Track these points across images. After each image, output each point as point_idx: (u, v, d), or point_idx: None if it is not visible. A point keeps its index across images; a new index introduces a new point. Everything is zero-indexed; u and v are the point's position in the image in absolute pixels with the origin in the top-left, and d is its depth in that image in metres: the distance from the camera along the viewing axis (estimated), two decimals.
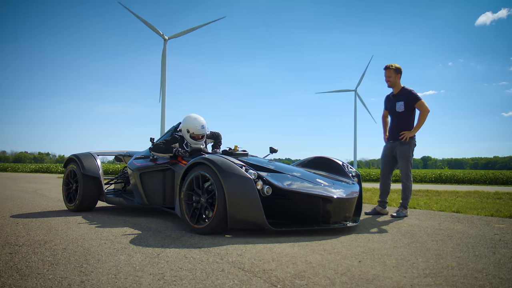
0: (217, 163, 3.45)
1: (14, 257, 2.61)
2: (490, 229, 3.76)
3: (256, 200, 3.28)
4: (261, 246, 2.98)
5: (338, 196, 3.60)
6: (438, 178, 17.22)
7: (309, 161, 4.75)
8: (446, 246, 3.02)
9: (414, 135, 4.73)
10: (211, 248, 2.89)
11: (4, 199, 6.50)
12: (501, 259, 2.61)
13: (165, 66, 26.64)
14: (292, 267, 2.38)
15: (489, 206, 5.67)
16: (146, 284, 2.07)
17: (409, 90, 4.75)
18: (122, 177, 5.50)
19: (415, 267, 2.39)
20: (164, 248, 2.91)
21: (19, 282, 2.10)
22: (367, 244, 3.10)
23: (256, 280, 2.14)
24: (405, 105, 4.71)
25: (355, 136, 42.14)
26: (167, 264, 2.45)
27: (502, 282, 2.11)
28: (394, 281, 2.11)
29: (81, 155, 5.20)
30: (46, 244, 3.02)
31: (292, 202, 3.57)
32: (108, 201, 5.08)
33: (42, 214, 4.79)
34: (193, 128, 4.51)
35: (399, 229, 3.78)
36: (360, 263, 2.50)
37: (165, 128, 25.66)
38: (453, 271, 2.31)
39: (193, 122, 4.53)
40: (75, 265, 2.42)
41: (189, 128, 4.52)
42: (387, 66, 4.85)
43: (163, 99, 26.65)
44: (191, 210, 3.61)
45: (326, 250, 2.85)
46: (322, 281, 2.12)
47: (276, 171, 3.85)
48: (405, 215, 4.65)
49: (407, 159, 4.69)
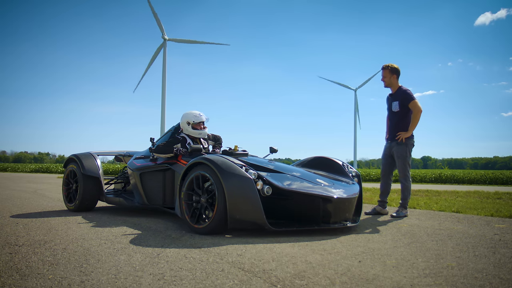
0: (217, 163, 3.45)
1: (14, 257, 2.61)
2: (490, 229, 3.76)
3: (256, 200, 3.28)
4: (261, 246, 2.98)
5: (338, 196, 3.60)
6: (438, 178, 17.22)
7: (309, 161, 4.75)
8: (446, 246, 3.02)
9: (412, 135, 4.74)
10: (211, 248, 2.89)
11: (4, 199, 6.50)
12: (501, 259, 2.61)
13: (165, 66, 26.65)
14: (292, 267, 2.38)
15: (489, 206, 5.67)
16: (146, 284, 2.07)
17: (404, 90, 4.76)
18: (122, 177, 5.50)
19: (415, 267, 2.39)
20: (164, 248, 2.91)
21: (19, 282, 2.10)
22: (367, 244, 3.10)
23: (256, 280, 2.14)
24: (400, 105, 4.72)
25: (355, 136, 42.14)
26: (167, 264, 2.45)
27: (502, 282, 2.11)
28: (394, 281, 2.11)
29: (81, 155, 5.21)
30: (46, 244, 3.02)
31: (292, 202, 3.57)
32: (108, 201, 5.08)
33: (42, 214, 4.79)
34: (191, 117, 4.65)
35: (399, 229, 3.78)
36: (360, 263, 2.50)
37: (165, 128, 25.65)
38: (453, 271, 2.31)
39: (190, 113, 4.70)
40: (75, 265, 2.42)
41: (188, 120, 4.65)
42: (383, 66, 4.87)
43: (163, 99, 26.66)
44: (191, 210, 3.61)
45: (326, 250, 2.85)
46: (322, 281, 2.12)
47: (276, 171, 3.85)
48: (405, 215, 4.66)
49: (404, 159, 4.69)
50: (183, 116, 4.71)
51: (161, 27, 25.99)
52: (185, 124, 4.66)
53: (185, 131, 4.68)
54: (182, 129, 4.72)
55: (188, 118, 4.66)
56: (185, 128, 4.66)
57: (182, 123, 4.69)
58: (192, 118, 4.65)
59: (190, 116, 4.67)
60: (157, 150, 4.49)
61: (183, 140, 4.62)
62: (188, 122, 4.64)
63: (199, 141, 4.76)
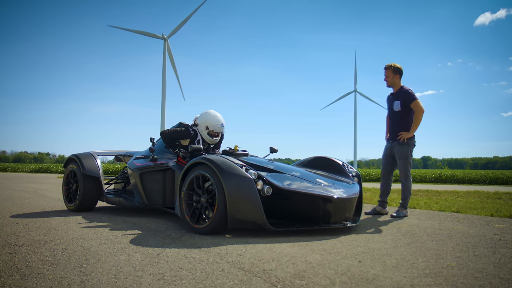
0: (217, 163, 3.45)
1: (14, 257, 2.61)
2: (490, 229, 3.76)
3: (256, 200, 3.28)
4: (261, 246, 2.98)
5: (338, 196, 3.60)
6: (438, 178, 17.23)
7: (309, 161, 4.75)
8: (446, 246, 3.02)
9: (413, 135, 4.74)
10: (211, 248, 2.89)
11: (4, 199, 6.50)
12: (501, 259, 2.61)
13: (165, 66, 26.65)
14: (292, 267, 2.38)
15: (489, 206, 5.67)
16: (146, 284, 2.07)
17: (406, 90, 4.75)
18: (122, 177, 5.50)
19: (415, 267, 2.39)
20: (164, 248, 2.91)
21: (19, 282, 2.10)
22: (367, 244, 3.10)
23: (256, 280, 2.14)
24: (402, 105, 4.72)
25: (355, 136, 42.13)
26: (167, 264, 2.45)
27: (502, 282, 2.11)
28: (394, 281, 2.11)
29: (81, 155, 5.20)
30: (46, 244, 3.02)
31: (292, 202, 3.57)
32: (108, 201, 5.08)
33: (42, 214, 4.79)
34: (213, 125, 4.51)
35: (399, 229, 3.78)
36: (360, 263, 2.50)
37: (165, 128, 25.64)
38: (453, 271, 2.31)
39: (213, 120, 4.52)
40: (75, 265, 2.42)
41: (208, 124, 4.51)
42: (386, 65, 4.87)
43: (163, 99, 26.67)
44: (191, 210, 3.61)
45: (326, 250, 2.84)
46: (322, 281, 2.12)
47: (276, 171, 3.85)
48: (405, 215, 4.66)
49: (405, 159, 4.69)
50: (204, 116, 4.54)
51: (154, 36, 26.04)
52: (203, 125, 4.52)
53: (199, 128, 4.58)
54: (198, 125, 4.61)
55: (208, 123, 4.50)
56: (201, 128, 4.54)
57: (200, 122, 4.55)
58: (213, 126, 4.49)
59: (212, 122, 4.49)
60: (165, 134, 4.44)
61: (194, 135, 4.54)
62: (207, 127, 4.51)
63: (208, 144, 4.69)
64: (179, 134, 4.51)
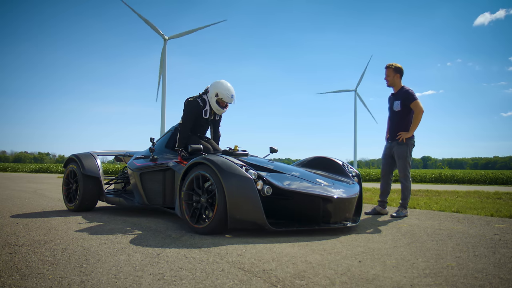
0: (217, 163, 3.45)
1: (14, 257, 2.61)
2: (490, 229, 3.76)
3: (256, 200, 3.28)
4: (261, 246, 2.98)
5: (338, 196, 3.60)
6: (438, 178, 17.22)
7: (309, 161, 4.75)
8: (446, 246, 3.02)
9: (413, 135, 4.74)
10: (211, 248, 2.89)
11: (4, 199, 6.50)
12: (501, 259, 2.61)
13: (165, 66, 26.62)
14: (292, 267, 2.38)
15: (489, 206, 5.67)
16: (146, 284, 2.07)
17: (406, 90, 4.75)
18: (122, 177, 5.50)
19: (415, 267, 2.39)
20: (164, 248, 2.91)
21: (19, 282, 2.10)
22: (367, 244, 3.10)
23: (256, 280, 2.14)
24: (402, 105, 4.72)
25: (355, 136, 42.12)
26: (167, 264, 2.45)
27: (502, 282, 2.11)
28: (394, 281, 2.11)
29: (81, 155, 5.20)
30: (46, 244, 3.02)
31: (292, 202, 3.57)
32: (108, 201, 5.08)
33: (42, 214, 4.79)
34: (223, 94, 4.48)
35: (399, 229, 3.78)
36: (360, 263, 2.50)
37: (165, 128, 25.63)
38: (453, 271, 2.31)
39: (224, 88, 4.49)
40: (75, 265, 2.42)
41: (218, 92, 4.48)
42: (387, 65, 4.87)
43: (163, 99, 26.63)
44: (191, 210, 3.61)
45: (326, 250, 2.84)
46: (322, 281, 2.12)
47: (276, 171, 3.85)
48: (405, 215, 4.66)
49: (404, 159, 4.69)
50: (216, 84, 4.51)
51: (157, 30, 25.87)
52: (213, 92, 4.50)
53: (209, 95, 4.56)
54: (208, 92, 4.58)
55: (219, 90, 4.46)
56: (211, 95, 4.52)
57: (211, 90, 4.52)
58: (223, 94, 4.45)
59: (223, 91, 4.46)
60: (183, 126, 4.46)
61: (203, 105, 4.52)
62: (217, 94, 4.47)
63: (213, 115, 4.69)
64: (192, 114, 4.48)
